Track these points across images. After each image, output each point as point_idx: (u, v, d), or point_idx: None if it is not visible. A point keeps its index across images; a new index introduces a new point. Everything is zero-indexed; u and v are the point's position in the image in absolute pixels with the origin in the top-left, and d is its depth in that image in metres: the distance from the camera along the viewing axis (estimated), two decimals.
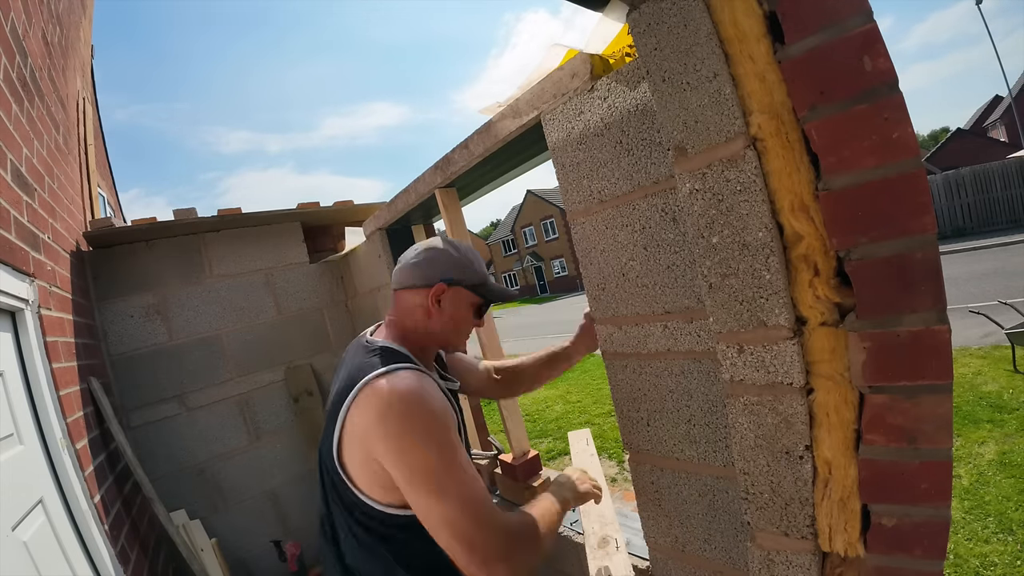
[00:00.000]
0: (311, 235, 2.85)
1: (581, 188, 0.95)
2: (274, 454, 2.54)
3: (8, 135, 1.36)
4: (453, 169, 1.41)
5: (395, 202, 1.84)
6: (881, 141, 0.53)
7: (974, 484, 2.77)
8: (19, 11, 1.63)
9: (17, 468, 1.15)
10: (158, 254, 2.36)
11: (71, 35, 3.01)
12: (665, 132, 0.71)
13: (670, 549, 0.95)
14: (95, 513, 1.40)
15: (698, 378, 0.83)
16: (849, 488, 0.62)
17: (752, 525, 0.72)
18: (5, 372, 1.22)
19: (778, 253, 0.62)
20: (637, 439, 0.96)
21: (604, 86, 0.86)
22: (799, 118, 0.58)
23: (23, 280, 1.31)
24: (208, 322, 2.45)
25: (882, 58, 0.52)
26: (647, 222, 0.85)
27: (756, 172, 0.62)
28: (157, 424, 2.26)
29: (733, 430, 0.71)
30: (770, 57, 0.59)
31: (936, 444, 0.55)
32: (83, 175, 2.96)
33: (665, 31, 0.68)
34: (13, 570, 1.00)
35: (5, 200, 1.26)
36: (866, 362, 0.58)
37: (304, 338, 2.65)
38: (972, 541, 2.35)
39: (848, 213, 0.57)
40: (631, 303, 0.91)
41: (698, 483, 0.87)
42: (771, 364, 0.65)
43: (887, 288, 0.55)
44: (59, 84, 2.36)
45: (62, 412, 1.40)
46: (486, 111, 1.26)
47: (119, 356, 2.22)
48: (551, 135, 0.99)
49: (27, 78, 1.64)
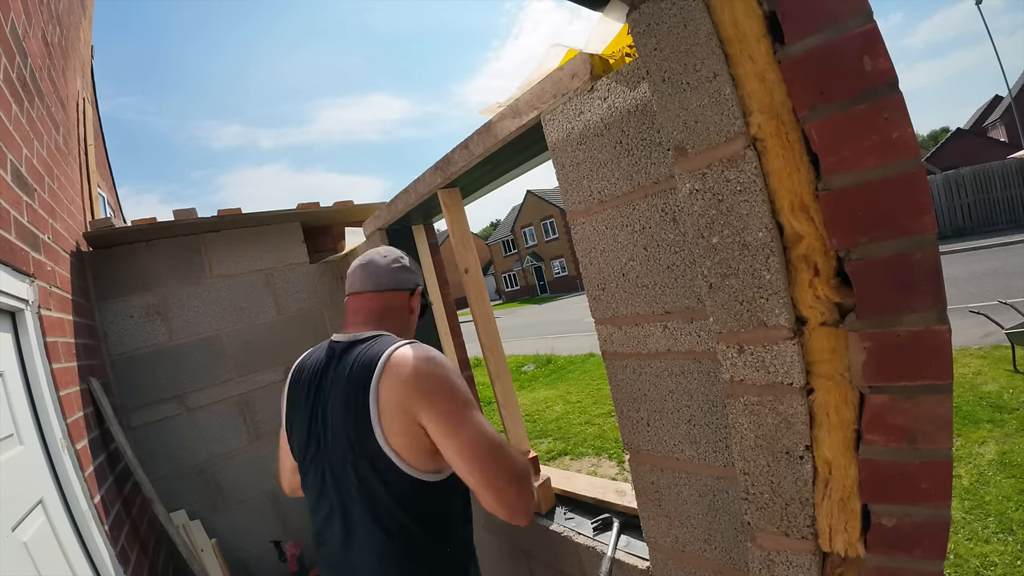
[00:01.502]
0: (311, 235, 2.85)
1: (581, 188, 0.95)
2: (274, 454, 2.54)
3: (8, 135, 1.36)
4: (453, 169, 1.41)
5: (395, 202, 1.84)
6: (881, 141, 0.53)
7: (974, 484, 2.77)
8: (19, 11, 1.63)
9: (17, 468, 1.15)
10: (158, 254, 2.36)
11: (71, 35, 3.01)
12: (665, 132, 0.71)
13: (670, 549, 0.95)
14: (95, 513, 1.40)
15: (698, 378, 0.83)
16: (849, 488, 0.62)
17: (752, 525, 0.72)
18: (5, 372, 1.22)
19: (778, 253, 0.62)
20: (637, 439, 0.96)
21: (604, 86, 0.86)
22: (799, 118, 0.58)
23: (23, 280, 1.31)
24: (208, 322, 2.45)
25: (882, 58, 0.52)
26: (647, 222, 0.85)
27: (756, 172, 0.62)
28: (157, 424, 2.26)
29: (733, 430, 0.71)
30: (770, 57, 0.59)
31: (936, 444, 0.55)
32: (83, 175, 2.96)
33: (665, 31, 0.68)
34: (13, 570, 1.00)
35: (5, 200, 1.26)
36: (866, 362, 0.58)
37: (304, 338, 2.65)
38: (972, 541, 2.35)
39: (848, 213, 0.57)
40: (631, 303, 0.91)
41: (698, 483, 0.87)
42: (771, 364, 0.65)
43: (887, 288, 0.55)
44: (59, 84, 2.36)
45: (62, 412, 1.40)
46: (486, 111, 1.26)
47: (119, 356, 2.22)
48: (551, 135, 0.99)
49: (27, 78, 1.64)
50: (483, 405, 2.09)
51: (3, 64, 1.39)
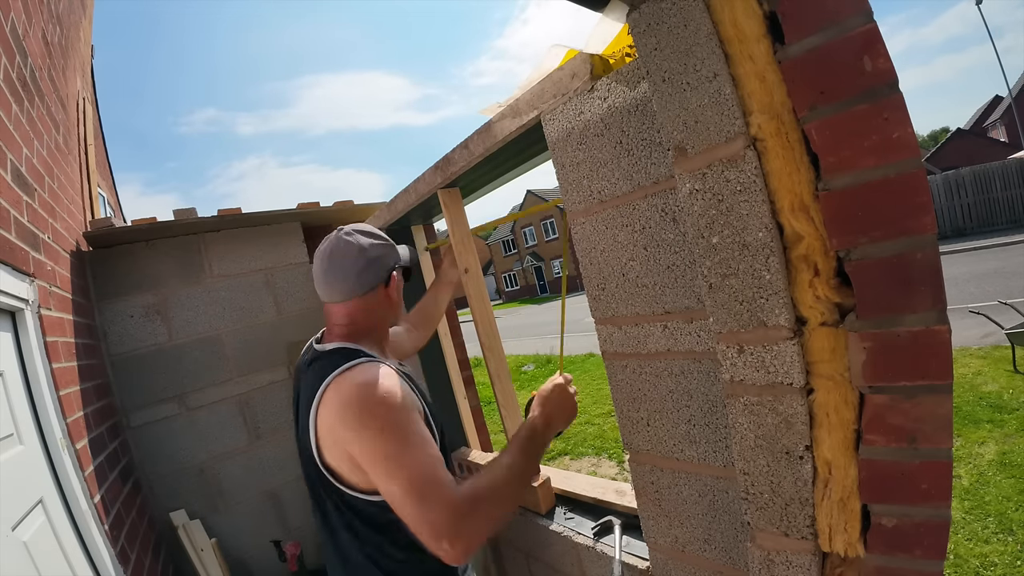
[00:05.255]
0: (311, 235, 2.85)
1: (581, 188, 0.95)
2: (274, 454, 2.54)
3: (8, 135, 1.36)
4: (453, 169, 1.41)
5: (395, 202, 1.84)
6: (881, 141, 0.53)
7: (974, 484, 2.77)
8: (19, 11, 1.63)
9: (17, 468, 1.15)
10: (158, 254, 2.36)
11: (71, 35, 3.01)
12: (665, 132, 0.71)
13: (670, 549, 0.95)
14: (95, 513, 1.40)
15: (698, 378, 0.83)
16: (849, 488, 0.62)
17: (752, 525, 0.72)
18: (5, 372, 1.22)
19: (778, 253, 0.62)
20: (637, 439, 0.96)
21: (604, 86, 0.86)
22: (799, 118, 0.58)
23: (23, 280, 1.31)
24: (208, 322, 2.45)
25: (882, 58, 0.52)
26: (647, 222, 0.85)
27: (756, 172, 0.62)
28: (157, 424, 2.26)
29: (733, 430, 0.71)
30: (770, 57, 0.59)
31: (936, 444, 0.55)
32: (83, 175, 2.96)
33: (665, 31, 0.68)
34: (13, 570, 1.00)
35: (5, 200, 1.26)
36: (866, 362, 0.58)
37: (304, 338, 2.65)
38: (972, 541, 2.35)
39: (848, 213, 0.57)
40: (631, 303, 0.91)
41: (698, 483, 0.87)
42: (771, 364, 0.65)
43: (887, 288, 0.55)
44: (59, 84, 2.36)
45: (62, 412, 1.40)
46: (486, 111, 1.26)
47: (119, 356, 2.22)
48: (551, 135, 0.99)
49: (27, 78, 1.64)
50: (483, 405, 2.09)
51: (3, 64, 1.39)
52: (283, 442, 2.59)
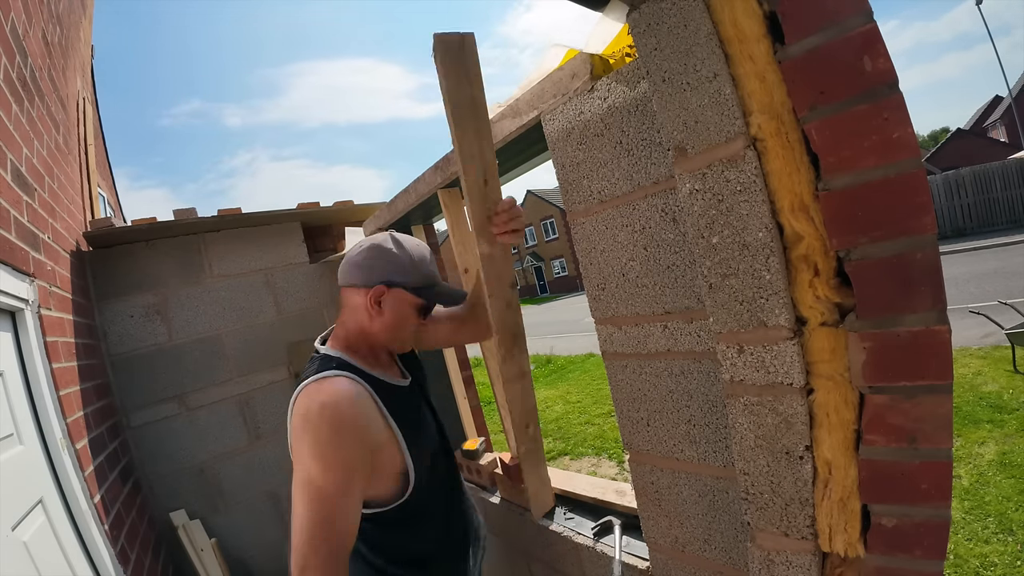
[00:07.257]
0: (311, 235, 2.85)
1: (581, 188, 0.95)
2: (274, 454, 2.54)
3: (8, 135, 1.36)
4: (453, 169, 1.41)
5: (395, 202, 1.84)
6: (881, 141, 0.53)
7: (974, 484, 2.77)
8: (19, 11, 1.63)
9: (17, 468, 1.15)
10: (158, 254, 2.36)
11: (71, 35, 3.01)
12: (665, 132, 0.71)
13: (670, 549, 0.95)
14: (95, 513, 1.40)
15: (698, 378, 0.83)
16: (849, 488, 0.62)
17: (752, 525, 0.72)
18: (5, 372, 1.22)
19: (778, 253, 0.62)
20: (637, 439, 0.96)
21: (604, 86, 0.86)
22: (799, 118, 0.58)
23: (23, 280, 1.31)
24: (208, 322, 2.45)
25: (882, 58, 0.52)
26: (647, 222, 0.85)
27: (756, 172, 0.62)
28: (157, 424, 2.26)
29: (733, 430, 0.71)
30: (770, 57, 0.59)
31: (936, 444, 0.55)
32: (83, 175, 2.96)
33: (665, 31, 0.68)
34: (13, 570, 1.00)
35: (5, 200, 1.26)
36: (866, 362, 0.58)
37: (304, 338, 2.65)
38: (972, 541, 2.35)
39: (848, 213, 0.57)
40: (631, 303, 0.91)
41: (698, 483, 0.87)
42: (771, 364, 0.65)
43: (887, 288, 0.55)
44: (59, 84, 2.36)
45: (62, 412, 1.40)
46: None
47: (119, 356, 2.22)
48: (551, 135, 0.99)
49: (27, 78, 1.64)
50: (483, 405, 2.09)
51: (3, 64, 1.39)
52: (283, 442, 2.58)
